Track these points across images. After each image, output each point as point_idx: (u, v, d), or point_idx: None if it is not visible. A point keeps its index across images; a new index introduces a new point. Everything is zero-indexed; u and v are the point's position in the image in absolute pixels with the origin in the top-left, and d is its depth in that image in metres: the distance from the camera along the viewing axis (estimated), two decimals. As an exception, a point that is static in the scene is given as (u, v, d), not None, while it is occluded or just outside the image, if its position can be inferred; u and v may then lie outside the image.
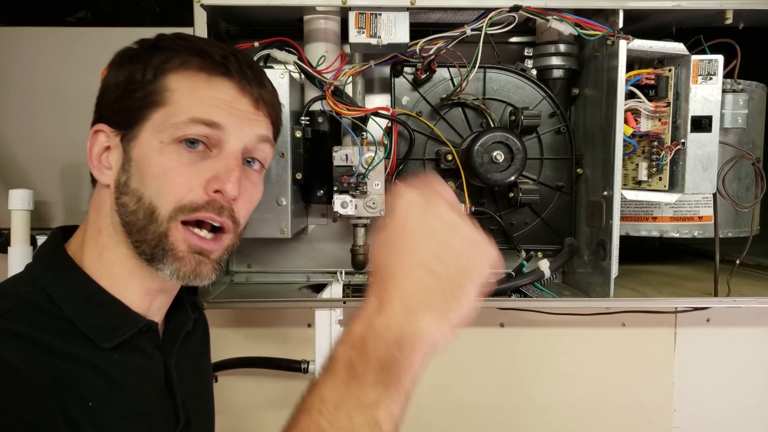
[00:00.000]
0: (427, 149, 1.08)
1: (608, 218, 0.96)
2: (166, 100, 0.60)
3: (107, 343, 0.58)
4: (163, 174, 0.59)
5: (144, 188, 0.59)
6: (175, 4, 1.27)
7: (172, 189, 0.59)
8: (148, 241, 0.59)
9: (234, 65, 0.63)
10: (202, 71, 0.61)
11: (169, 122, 0.59)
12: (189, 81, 0.60)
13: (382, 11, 0.95)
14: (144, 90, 0.60)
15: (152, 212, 0.59)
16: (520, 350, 1.22)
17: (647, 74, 0.99)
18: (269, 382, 1.18)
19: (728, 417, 1.25)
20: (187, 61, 0.60)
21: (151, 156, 0.59)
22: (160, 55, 0.61)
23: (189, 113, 0.59)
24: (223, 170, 0.60)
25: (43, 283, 0.58)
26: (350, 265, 1.11)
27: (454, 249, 0.46)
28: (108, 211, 0.61)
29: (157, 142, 0.59)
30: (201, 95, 0.60)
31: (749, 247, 1.07)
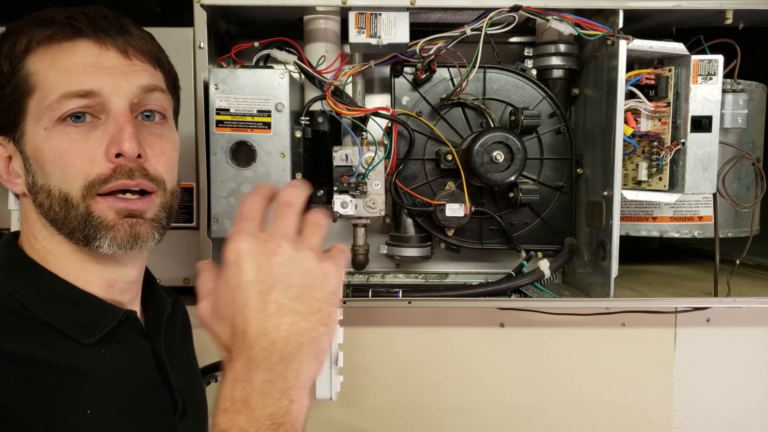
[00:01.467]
0: (427, 149, 1.08)
1: (608, 218, 0.96)
2: (34, 85, 0.56)
3: (90, 338, 0.57)
4: (60, 158, 0.55)
5: (48, 179, 0.56)
6: (175, 4, 1.27)
7: (74, 168, 0.55)
8: (76, 227, 0.56)
9: (83, 21, 0.57)
10: (53, 40, 0.56)
11: (44, 105, 0.55)
12: (46, 56, 0.56)
13: (382, 11, 0.95)
14: (10, 83, 0.56)
15: (65, 199, 0.56)
16: (520, 350, 1.22)
17: (647, 74, 0.99)
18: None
19: (728, 417, 1.25)
20: (33, 36, 0.56)
21: (42, 145, 0.55)
22: (7, 42, 0.56)
23: (58, 89, 0.55)
24: (116, 132, 0.56)
25: (10, 290, 0.56)
26: (350, 265, 1.11)
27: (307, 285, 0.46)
28: (35, 217, 0.59)
29: (42, 130, 0.55)
30: (63, 66, 0.56)
31: (749, 247, 1.08)
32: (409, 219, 1.10)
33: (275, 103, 0.96)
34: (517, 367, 1.22)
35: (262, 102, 0.96)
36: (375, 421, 1.18)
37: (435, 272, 1.21)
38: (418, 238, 1.10)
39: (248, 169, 0.97)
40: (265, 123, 0.96)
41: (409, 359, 1.21)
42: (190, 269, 1.11)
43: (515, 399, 1.23)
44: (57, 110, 0.55)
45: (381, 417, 1.20)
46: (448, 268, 1.21)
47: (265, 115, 0.96)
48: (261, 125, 0.96)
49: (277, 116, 0.96)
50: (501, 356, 1.22)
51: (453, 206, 1.03)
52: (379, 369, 1.20)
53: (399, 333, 1.20)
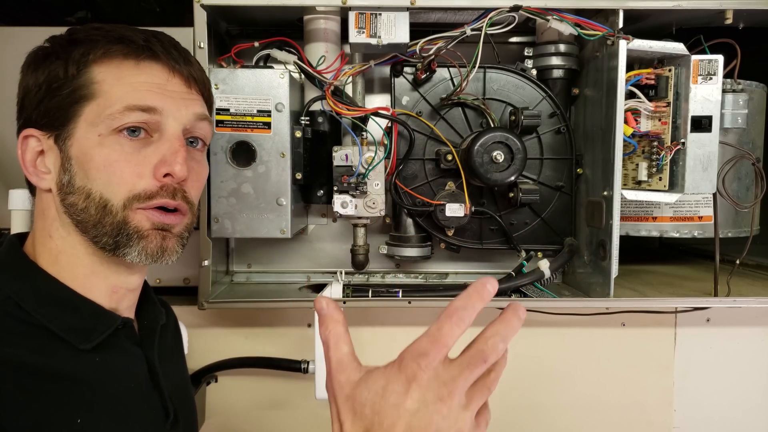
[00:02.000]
0: (427, 149, 1.08)
1: (608, 218, 0.96)
2: (95, 93, 0.58)
3: (86, 344, 0.58)
4: (109, 166, 0.58)
5: (91, 183, 0.58)
6: (175, 4, 1.27)
7: (121, 179, 0.58)
8: (108, 233, 0.58)
9: (159, 47, 0.61)
10: (128, 58, 0.60)
11: (105, 114, 0.58)
12: (115, 70, 0.59)
13: (382, 11, 0.95)
14: (69, 86, 0.58)
15: (104, 205, 0.58)
16: (521, 350, 1.22)
17: (647, 74, 0.99)
18: (269, 382, 1.18)
19: (728, 417, 1.24)
20: (109, 50, 0.59)
21: (92, 150, 0.58)
22: (80, 48, 0.59)
23: (123, 102, 0.58)
24: (169, 153, 0.59)
25: (9, 291, 0.56)
26: (350, 265, 1.11)
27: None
28: (54, 215, 0.60)
29: (96, 136, 0.58)
30: (131, 82, 0.59)
31: (749, 247, 1.07)
32: (409, 219, 1.10)
33: (275, 103, 0.96)
34: (518, 367, 1.22)
35: (262, 102, 0.96)
36: (375, 421, 1.18)
37: (435, 272, 1.21)
38: (418, 238, 1.10)
39: (248, 169, 0.97)
40: (265, 123, 0.96)
41: (409, 359, 1.21)
42: (191, 269, 1.11)
43: (515, 399, 1.23)
44: (117, 120, 0.58)
45: (381, 417, 1.20)
46: (448, 268, 1.21)
47: (265, 115, 0.96)
48: (261, 125, 0.96)
49: (277, 116, 0.96)
50: (501, 356, 1.22)
51: (453, 206, 1.03)
52: (379, 369, 1.20)
53: (399, 333, 1.20)
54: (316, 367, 1.01)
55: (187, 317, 1.08)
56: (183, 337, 1.04)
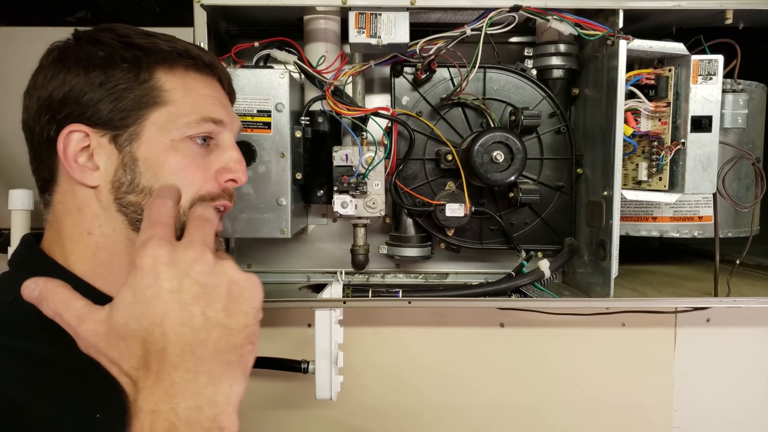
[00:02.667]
0: (427, 149, 1.08)
1: (608, 218, 0.96)
2: (166, 100, 0.61)
3: None
4: (182, 169, 0.61)
5: (159, 184, 0.60)
6: (175, 4, 1.27)
7: (191, 182, 0.62)
8: None
9: (219, 66, 0.68)
10: (191, 70, 0.64)
11: (180, 121, 0.61)
12: (182, 81, 0.63)
13: (382, 11, 0.95)
14: (138, 90, 0.60)
15: None
16: (520, 350, 1.22)
17: (647, 74, 0.99)
18: (269, 382, 1.18)
19: (728, 417, 1.25)
20: (176, 61, 0.62)
21: (165, 154, 0.61)
22: (150, 56, 0.61)
23: (197, 113, 0.62)
24: (233, 162, 0.65)
25: None
26: (350, 265, 1.11)
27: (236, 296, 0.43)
28: (97, 212, 0.61)
29: (168, 140, 0.61)
30: (201, 94, 0.64)
31: (749, 247, 1.07)
32: (409, 219, 1.10)
33: (275, 103, 0.96)
34: (517, 367, 1.22)
35: (262, 102, 0.96)
36: (375, 421, 1.18)
37: (435, 272, 1.21)
38: (418, 238, 1.10)
39: (248, 169, 0.96)
40: (265, 123, 0.96)
41: (409, 359, 1.21)
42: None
43: (515, 399, 1.23)
44: (193, 128, 0.62)
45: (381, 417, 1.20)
46: (448, 268, 1.21)
47: (265, 115, 0.96)
48: (261, 125, 0.96)
49: (277, 116, 0.96)
50: (501, 356, 1.22)
51: (453, 206, 1.03)
52: (379, 369, 1.20)
53: (399, 333, 1.20)
54: (317, 367, 1.01)
55: (187, 317, 1.07)
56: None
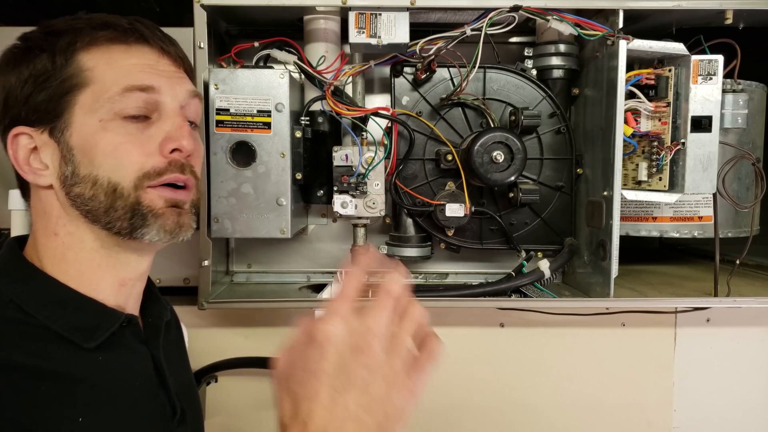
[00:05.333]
0: (427, 149, 1.08)
1: (608, 218, 0.96)
2: (89, 80, 0.58)
3: (90, 342, 0.57)
4: (115, 149, 0.58)
5: (97, 169, 0.58)
6: (175, 4, 1.27)
7: (129, 160, 0.58)
8: (121, 217, 0.58)
9: (145, 30, 0.62)
10: (115, 42, 0.60)
11: (104, 98, 0.58)
12: (104, 55, 0.59)
13: (382, 11, 0.95)
14: (59, 76, 0.57)
15: (114, 189, 0.58)
16: (520, 350, 1.22)
17: (647, 74, 0.99)
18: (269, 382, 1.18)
19: (728, 417, 1.24)
20: (95, 36, 0.59)
21: (95, 136, 0.58)
22: (64, 38, 0.58)
23: (119, 84, 0.58)
24: (174, 129, 0.61)
25: (11, 295, 0.56)
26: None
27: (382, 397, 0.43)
28: (59, 211, 0.60)
29: (96, 122, 0.58)
30: (123, 65, 0.59)
31: (749, 247, 1.07)
32: (409, 219, 1.10)
33: (275, 103, 0.96)
34: (517, 367, 1.22)
35: (262, 102, 0.96)
36: (375, 421, 1.18)
37: (435, 272, 1.21)
38: (418, 238, 1.10)
39: (248, 169, 0.97)
40: (265, 123, 0.96)
41: (409, 359, 1.21)
42: (191, 269, 1.11)
43: (515, 399, 1.22)
44: (118, 102, 0.58)
45: (381, 417, 1.20)
46: (448, 268, 1.21)
47: (265, 115, 0.96)
48: (261, 125, 0.96)
49: (277, 116, 0.96)
50: (501, 356, 1.22)
51: (453, 206, 1.03)
52: (379, 369, 1.19)
53: (399, 333, 1.20)
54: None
55: (187, 317, 1.07)
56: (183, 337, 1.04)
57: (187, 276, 1.11)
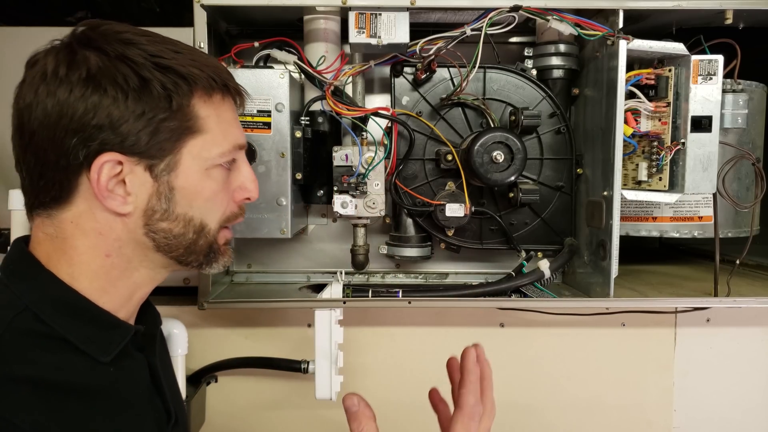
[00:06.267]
0: (427, 149, 1.08)
1: (608, 218, 0.96)
2: (201, 128, 0.61)
3: (106, 356, 0.59)
4: (214, 196, 0.63)
5: (194, 211, 0.62)
6: (175, 4, 1.27)
7: (220, 207, 0.64)
8: (199, 252, 0.64)
9: (233, 83, 0.66)
10: (215, 92, 0.63)
11: (215, 151, 0.62)
12: (211, 106, 0.62)
13: (382, 11, 0.95)
14: (176, 120, 0.59)
15: (202, 229, 0.63)
16: (520, 350, 1.22)
17: (647, 74, 0.99)
18: (269, 382, 1.18)
19: (728, 417, 1.24)
20: (211, 87, 0.62)
21: (201, 182, 0.62)
22: (187, 83, 0.59)
23: (230, 141, 0.63)
24: (248, 181, 0.67)
25: (27, 301, 0.56)
26: (350, 265, 1.11)
27: None
28: (119, 236, 0.60)
29: (203, 169, 0.61)
30: (227, 119, 0.64)
31: (749, 247, 1.07)
32: (409, 219, 1.10)
33: (275, 103, 0.96)
34: (517, 367, 1.22)
35: (262, 102, 0.96)
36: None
37: (435, 272, 1.21)
38: (418, 238, 1.10)
39: (248, 169, 0.96)
40: (265, 123, 0.96)
41: (409, 359, 1.21)
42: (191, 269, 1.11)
43: (515, 399, 1.22)
44: (226, 157, 0.63)
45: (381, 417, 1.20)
46: (448, 268, 1.21)
47: (265, 115, 0.96)
48: (261, 125, 0.96)
49: (277, 116, 0.96)
50: (501, 356, 1.22)
51: (453, 206, 1.03)
52: (379, 369, 1.19)
53: (399, 333, 1.20)
54: (316, 367, 1.01)
55: (187, 317, 1.07)
56: (183, 337, 1.04)
57: (187, 276, 1.11)
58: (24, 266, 0.60)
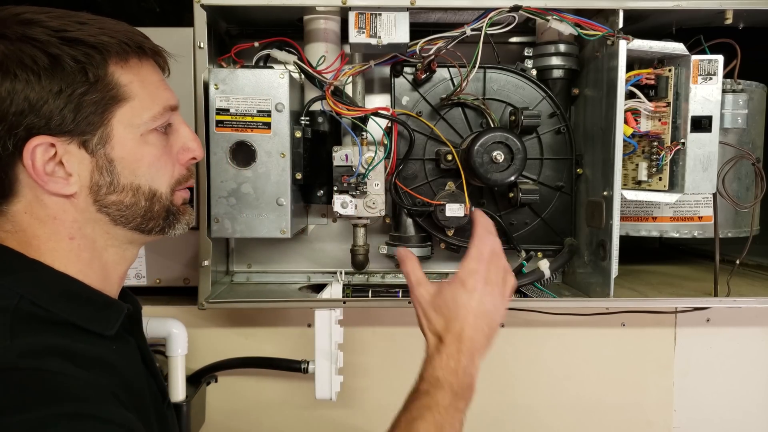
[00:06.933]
0: (427, 149, 1.08)
1: (608, 218, 0.96)
2: (125, 95, 0.60)
3: (110, 330, 0.61)
4: (156, 161, 0.63)
5: (138, 179, 0.62)
6: (175, 4, 1.27)
7: (165, 171, 0.65)
8: (156, 218, 0.65)
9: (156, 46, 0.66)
10: (130, 56, 0.62)
11: (146, 115, 0.62)
12: (131, 70, 0.61)
13: (382, 11, 0.95)
14: (97, 91, 0.58)
15: (153, 195, 0.64)
16: (520, 350, 1.22)
17: (647, 74, 0.99)
18: (269, 382, 1.18)
19: (728, 417, 1.24)
20: (125, 52, 0.61)
21: (139, 149, 0.62)
22: (99, 52, 0.58)
23: (159, 103, 0.63)
24: (190, 140, 0.67)
25: (21, 291, 0.56)
26: (350, 265, 1.11)
27: (497, 318, 0.71)
28: (75, 217, 0.61)
29: (137, 136, 0.62)
30: (151, 81, 0.63)
31: (749, 247, 1.07)
32: (409, 219, 1.10)
33: (275, 103, 0.96)
34: (517, 367, 1.22)
35: (262, 102, 0.96)
36: (375, 421, 1.18)
37: (435, 272, 1.21)
38: (418, 238, 1.10)
39: (248, 169, 0.97)
40: (265, 123, 0.96)
41: (409, 359, 1.20)
42: (191, 269, 1.11)
43: (515, 399, 1.23)
44: (159, 119, 0.63)
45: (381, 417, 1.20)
46: (448, 268, 1.21)
47: (265, 115, 0.96)
48: (261, 125, 0.96)
49: (277, 116, 0.96)
50: (501, 356, 1.22)
51: (453, 206, 1.03)
52: (379, 369, 1.20)
53: (399, 333, 1.20)
54: (316, 367, 1.01)
55: (187, 317, 1.08)
56: (183, 337, 1.04)
57: (187, 276, 1.11)
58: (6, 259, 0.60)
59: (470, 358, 0.69)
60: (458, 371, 0.68)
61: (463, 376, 0.68)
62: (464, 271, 0.71)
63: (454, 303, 0.69)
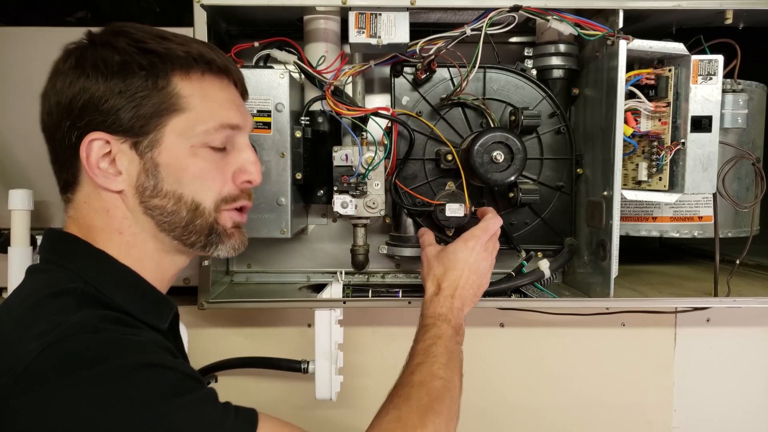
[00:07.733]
0: (427, 149, 1.08)
1: (608, 218, 0.96)
2: (183, 106, 0.62)
3: (163, 324, 0.65)
4: (203, 174, 0.64)
5: (182, 188, 0.63)
6: (175, 4, 1.27)
7: (213, 185, 0.65)
8: (198, 232, 0.65)
9: (232, 66, 0.68)
10: (206, 75, 0.65)
11: (199, 128, 0.63)
12: (198, 86, 0.64)
13: (382, 11, 0.95)
14: (157, 97, 0.61)
15: (196, 208, 0.64)
16: (520, 350, 1.22)
17: (647, 74, 0.99)
18: (269, 382, 1.18)
19: (728, 417, 1.24)
20: (192, 66, 0.63)
21: (186, 160, 0.63)
22: (165, 62, 0.62)
23: (216, 119, 0.64)
24: (248, 163, 0.68)
25: (87, 277, 0.60)
26: (350, 265, 1.11)
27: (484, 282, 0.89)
28: (125, 214, 0.64)
29: (188, 147, 0.63)
30: (217, 99, 0.65)
31: (749, 247, 1.07)
32: (409, 219, 1.10)
33: (275, 103, 0.96)
34: (517, 367, 1.22)
35: (262, 102, 0.96)
36: (375, 421, 1.18)
37: (435, 272, 1.21)
38: (418, 238, 1.10)
39: (248, 169, 0.96)
40: (265, 123, 0.96)
41: (409, 359, 1.21)
42: (191, 269, 1.11)
43: (515, 399, 1.23)
44: (211, 135, 0.64)
45: (381, 417, 1.20)
46: (448, 268, 1.21)
47: (265, 115, 0.96)
48: (261, 125, 0.96)
49: (277, 116, 0.96)
50: (501, 356, 1.22)
51: (453, 206, 1.03)
52: (379, 369, 1.19)
53: (399, 333, 1.20)
54: (316, 367, 1.01)
55: (187, 317, 1.07)
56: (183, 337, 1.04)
57: (187, 276, 1.11)
58: (76, 248, 0.63)
59: (461, 305, 0.84)
60: (454, 311, 0.83)
61: (457, 316, 0.82)
62: (469, 234, 0.88)
63: (455, 255, 0.87)
